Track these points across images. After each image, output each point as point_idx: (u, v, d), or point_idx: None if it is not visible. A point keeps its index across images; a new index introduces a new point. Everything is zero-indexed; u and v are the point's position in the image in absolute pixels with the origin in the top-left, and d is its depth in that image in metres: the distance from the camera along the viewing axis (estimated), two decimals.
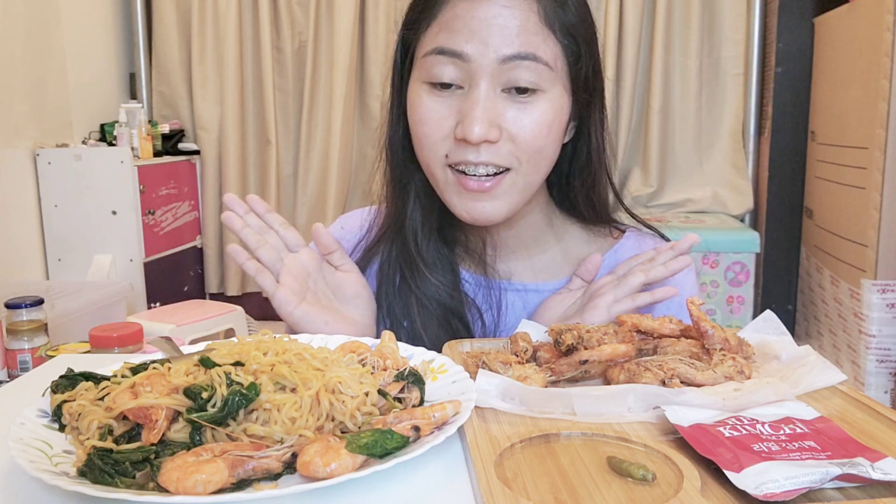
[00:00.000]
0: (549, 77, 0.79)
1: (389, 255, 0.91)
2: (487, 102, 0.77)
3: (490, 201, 0.81)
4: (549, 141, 0.81)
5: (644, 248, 0.92)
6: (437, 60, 0.79)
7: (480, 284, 0.91)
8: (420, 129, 0.82)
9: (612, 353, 0.64)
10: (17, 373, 1.22)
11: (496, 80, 0.78)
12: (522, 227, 0.91)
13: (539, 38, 0.77)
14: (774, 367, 0.67)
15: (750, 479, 0.45)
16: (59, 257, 2.73)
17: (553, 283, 0.92)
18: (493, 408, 0.58)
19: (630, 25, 2.87)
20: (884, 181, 1.96)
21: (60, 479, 0.45)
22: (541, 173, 0.83)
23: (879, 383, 2.04)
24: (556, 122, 0.81)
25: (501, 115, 0.78)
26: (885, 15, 1.94)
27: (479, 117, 0.77)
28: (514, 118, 0.79)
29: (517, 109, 0.79)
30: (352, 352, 0.66)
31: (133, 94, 3.20)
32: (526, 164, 0.81)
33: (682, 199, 2.95)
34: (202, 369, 0.56)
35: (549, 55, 0.78)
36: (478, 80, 0.78)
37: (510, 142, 0.79)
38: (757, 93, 2.87)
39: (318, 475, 0.47)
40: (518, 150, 0.80)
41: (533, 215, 0.92)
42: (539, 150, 0.81)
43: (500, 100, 0.79)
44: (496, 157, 0.79)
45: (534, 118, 0.79)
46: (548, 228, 0.94)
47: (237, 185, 3.18)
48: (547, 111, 0.79)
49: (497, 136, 0.78)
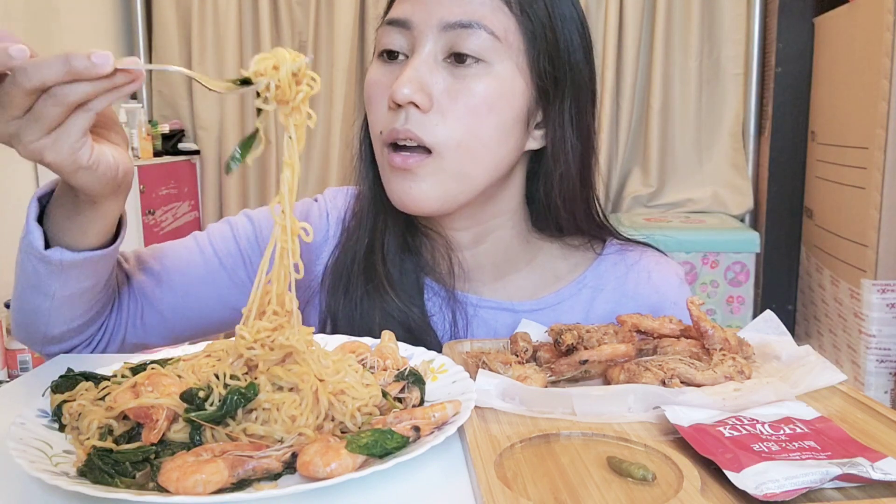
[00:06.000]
0: (498, 49, 0.73)
1: (353, 265, 0.84)
2: (422, 66, 0.73)
3: (415, 182, 0.75)
4: (486, 123, 0.74)
5: (627, 262, 0.88)
6: (385, 31, 0.77)
7: (449, 301, 0.85)
8: (368, 105, 0.79)
9: (612, 353, 0.64)
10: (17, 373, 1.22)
11: (438, 48, 0.74)
12: (493, 245, 0.86)
13: (488, 7, 0.73)
14: (774, 367, 0.67)
15: (750, 479, 0.45)
16: None
17: (531, 303, 0.87)
18: (493, 408, 0.58)
19: (630, 25, 2.87)
20: (884, 181, 1.96)
21: (60, 479, 0.45)
22: (480, 164, 0.76)
23: (879, 383, 2.04)
24: (500, 104, 0.74)
25: (435, 83, 0.74)
26: (885, 15, 1.94)
27: (406, 77, 0.73)
28: (448, 88, 0.74)
29: (454, 79, 0.74)
30: (351, 352, 0.66)
31: (133, 93, 3.20)
32: (456, 149, 0.74)
33: (682, 199, 2.95)
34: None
35: (498, 26, 0.73)
36: (419, 46, 0.74)
37: (440, 115, 0.74)
38: (757, 93, 2.87)
39: (318, 475, 0.47)
40: (448, 128, 0.73)
41: (504, 232, 0.86)
42: (473, 132, 0.74)
43: (439, 67, 0.74)
44: (420, 128, 0.73)
45: (472, 91, 0.73)
46: (522, 246, 0.88)
47: (237, 185, 3.18)
48: (490, 86, 0.74)
49: (426, 102, 0.73)
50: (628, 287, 0.87)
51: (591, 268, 0.88)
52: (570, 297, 0.87)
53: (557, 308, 0.86)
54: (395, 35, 0.76)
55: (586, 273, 0.88)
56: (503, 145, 0.77)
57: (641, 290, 0.87)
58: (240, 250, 0.90)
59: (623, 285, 0.87)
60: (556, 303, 0.86)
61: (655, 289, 0.87)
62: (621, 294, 0.87)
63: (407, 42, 0.76)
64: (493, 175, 0.78)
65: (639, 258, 0.89)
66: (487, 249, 0.86)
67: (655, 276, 0.88)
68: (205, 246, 0.90)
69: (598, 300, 0.87)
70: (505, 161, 0.78)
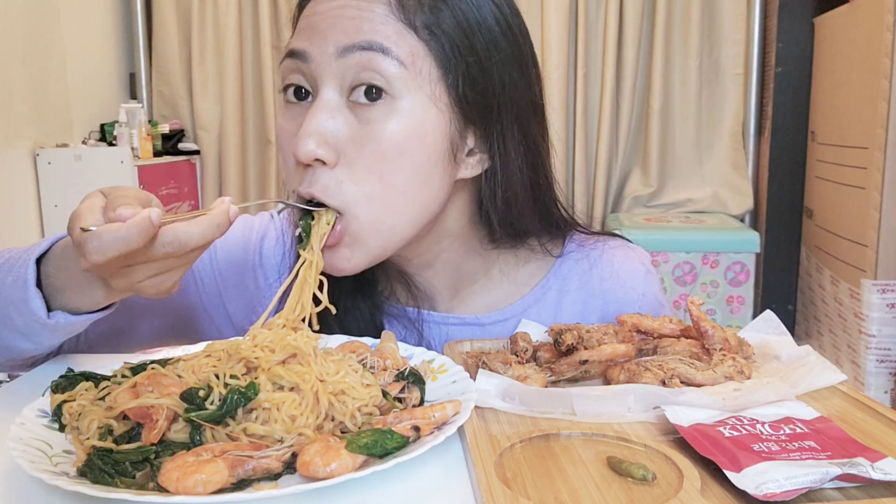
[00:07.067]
0: (404, 78, 0.65)
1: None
2: (322, 113, 0.66)
3: (335, 251, 0.68)
4: (400, 169, 0.67)
5: (591, 258, 0.84)
6: (285, 66, 0.70)
7: (415, 322, 0.81)
8: (280, 155, 0.72)
9: (612, 353, 0.64)
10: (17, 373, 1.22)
11: (339, 82, 0.66)
12: (443, 267, 0.81)
13: (391, 29, 0.65)
14: (774, 367, 0.67)
15: (750, 479, 0.45)
16: None
17: (496, 313, 0.83)
18: (493, 408, 0.58)
19: (630, 25, 2.87)
20: (884, 181, 1.96)
21: (60, 479, 0.45)
22: (401, 213, 0.69)
23: (879, 383, 2.04)
24: (412, 144, 0.67)
25: (338, 130, 0.66)
26: (885, 15, 1.94)
27: (307, 130, 0.65)
28: (353, 135, 0.66)
29: (360, 123, 0.66)
30: (352, 352, 0.66)
31: (133, 94, 3.20)
32: (369, 204, 0.67)
33: (682, 199, 2.95)
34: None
35: (403, 50, 0.65)
36: (319, 84, 0.67)
37: (346, 169, 0.66)
38: (757, 93, 2.87)
39: (318, 475, 0.47)
40: (356, 184, 0.66)
41: (452, 254, 0.80)
42: (386, 182, 0.67)
43: (342, 111, 0.67)
44: (325, 192, 0.66)
45: (378, 136, 0.66)
46: (476, 262, 0.82)
47: (237, 185, 3.18)
48: (398, 127, 0.66)
49: (331, 157, 0.66)
50: (593, 284, 0.84)
51: (553, 270, 0.84)
52: (536, 303, 0.83)
53: (524, 315, 0.82)
54: (294, 72, 0.69)
55: (549, 276, 0.84)
56: (425, 187, 0.69)
57: (607, 285, 0.84)
58: (192, 274, 0.87)
59: (588, 283, 0.84)
60: (522, 310, 0.83)
61: (621, 283, 0.84)
62: (587, 293, 0.84)
63: (307, 78, 0.69)
64: (420, 219, 0.71)
65: (601, 252, 0.85)
66: (438, 271, 0.81)
67: (620, 269, 0.84)
68: None
69: (564, 302, 0.84)
70: (432, 202, 0.71)
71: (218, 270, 0.87)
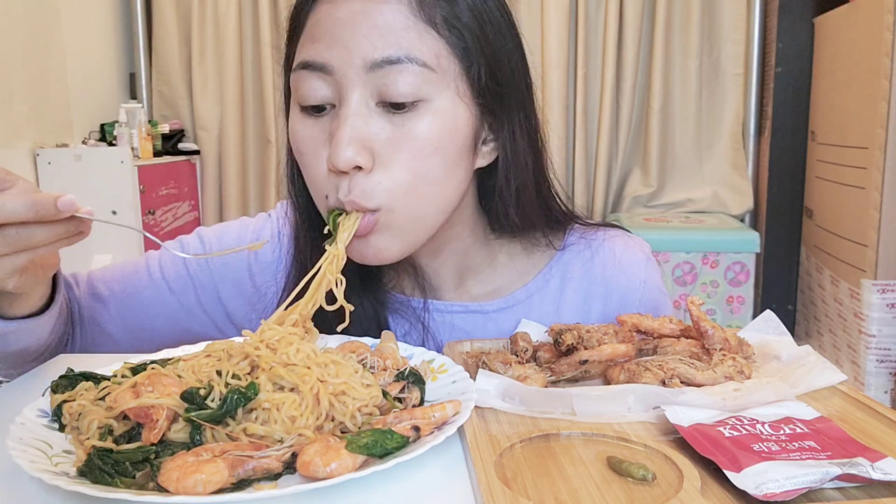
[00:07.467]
0: (433, 81, 0.67)
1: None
2: (357, 120, 0.66)
3: (369, 242, 0.70)
4: (433, 163, 0.69)
5: (592, 246, 0.86)
6: (302, 77, 0.69)
7: (420, 311, 0.82)
8: (301, 161, 0.72)
9: (612, 353, 0.64)
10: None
11: (368, 92, 0.67)
12: (451, 255, 0.83)
13: (413, 34, 0.66)
14: (774, 367, 0.67)
15: (750, 479, 0.45)
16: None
17: (499, 301, 0.84)
18: (493, 408, 0.58)
19: (630, 25, 2.87)
20: (884, 181, 1.96)
21: (60, 479, 0.45)
22: (432, 204, 0.71)
23: (879, 383, 2.04)
24: (445, 139, 0.68)
25: (374, 134, 0.67)
26: (885, 15, 1.94)
27: (345, 137, 0.66)
28: (388, 137, 0.67)
29: (393, 126, 0.67)
30: (352, 352, 0.66)
31: (133, 94, 3.20)
32: (404, 198, 0.69)
33: (682, 199, 2.95)
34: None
35: (428, 54, 0.66)
36: (346, 95, 0.67)
37: (383, 170, 0.68)
38: (757, 93, 2.87)
39: (318, 475, 0.47)
40: (393, 182, 0.68)
41: (460, 242, 0.82)
42: (419, 176, 0.68)
43: (374, 116, 0.67)
44: (364, 196, 0.67)
45: (414, 135, 0.67)
46: (482, 250, 0.84)
47: (237, 185, 3.18)
48: (433, 125, 0.67)
49: (369, 162, 0.67)
50: (595, 272, 0.85)
51: (556, 258, 0.86)
52: (539, 291, 0.85)
53: (527, 303, 0.84)
54: (316, 82, 0.68)
55: (551, 264, 0.86)
56: (453, 177, 0.72)
57: (609, 272, 0.85)
58: (189, 275, 0.88)
59: (590, 271, 0.85)
60: (525, 298, 0.84)
61: (623, 270, 0.85)
62: (590, 281, 0.85)
63: (329, 90, 0.68)
64: (448, 208, 0.74)
65: (602, 241, 0.86)
66: (445, 259, 0.83)
67: (622, 257, 0.86)
68: (154, 270, 0.89)
69: (567, 289, 0.85)
70: (458, 190, 0.73)
71: (215, 270, 0.89)
